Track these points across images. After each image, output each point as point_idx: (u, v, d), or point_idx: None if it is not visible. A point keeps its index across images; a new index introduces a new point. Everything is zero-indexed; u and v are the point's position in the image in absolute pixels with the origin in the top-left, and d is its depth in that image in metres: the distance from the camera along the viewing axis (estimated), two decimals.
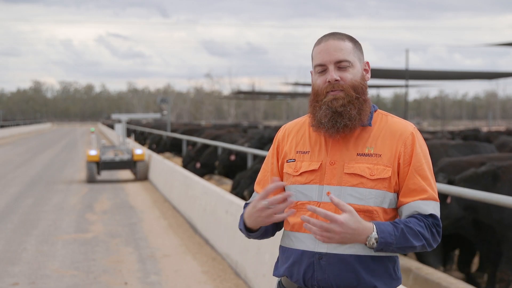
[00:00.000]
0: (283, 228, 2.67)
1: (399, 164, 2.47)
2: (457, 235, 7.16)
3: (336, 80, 2.47)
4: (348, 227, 2.29)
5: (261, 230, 2.57)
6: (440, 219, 2.47)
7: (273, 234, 2.70)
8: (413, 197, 2.45)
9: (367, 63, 2.58)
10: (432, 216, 2.44)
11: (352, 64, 2.50)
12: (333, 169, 2.49)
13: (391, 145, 2.49)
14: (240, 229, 2.62)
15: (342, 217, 2.28)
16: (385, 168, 2.46)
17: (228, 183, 16.22)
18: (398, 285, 2.53)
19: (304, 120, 2.66)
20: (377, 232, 2.34)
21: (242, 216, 2.58)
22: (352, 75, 2.49)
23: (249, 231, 2.57)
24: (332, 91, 2.48)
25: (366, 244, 2.35)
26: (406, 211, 2.46)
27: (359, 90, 2.49)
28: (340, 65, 2.49)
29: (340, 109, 2.46)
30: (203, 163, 17.45)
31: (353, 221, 2.30)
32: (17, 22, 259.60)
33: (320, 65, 2.51)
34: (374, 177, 2.45)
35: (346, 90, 2.47)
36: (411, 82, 47.95)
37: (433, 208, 2.46)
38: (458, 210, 6.60)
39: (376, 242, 2.33)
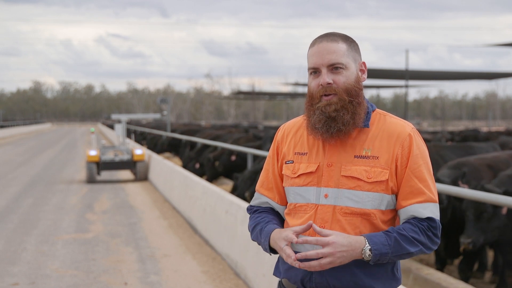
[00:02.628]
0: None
1: (396, 166, 2.46)
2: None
3: (329, 84, 2.46)
4: (340, 245, 2.32)
5: None
6: (437, 221, 2.45)
7: None
8: (410, 200, 2.44)
9: (363, 63, 2.55)
10: (429, 219, 2.43)
11: (346, 66, 2.47)
12: (330, 171, 2.48)
13: (389, 147, 2.47)
14: (256, 242, 2.63)
15: (330, 238, 2.33)
16: (383, 170, 2.45)
17: (228, 183, 16.23)
18: (398, 286, 2.53)
19: (302, 120, 2.64)
20: (369, 244, 2.35)
21: (261, 232, 2.56)
22: (345, 78, 2.47)
23: (274, 251, 2.57)
24: (325, 95, 2.47)
25: (363, 258, 2.36)
26: (403, 215, 2.46)
27: (352, 93, 2.47)
28: (333, 68, 2.47)
29: (334, 114, 2.44)
30: (202, 163, 17.46)
31: (342, 238, 2.34)
32: (17, 22, 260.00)
33: (313, 68, 2.49)
34: (371, 180, 2.44)
35: (339, 94, 2.45)
36: (411, 82, 47.95)
37: (431, 210, 2.44)
38: (507, 219, 6.51)
39: (371, 253, 2.34)
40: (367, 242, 2.35)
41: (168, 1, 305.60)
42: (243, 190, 11.37)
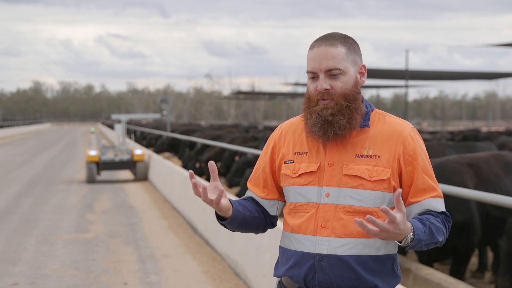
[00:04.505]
0: (282, 229, 2.68)
1: (399, 165, 2.47)
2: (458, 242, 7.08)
3: (326, 89, 2.46)
4: (399, 228, 2.26)
5: (235, 221, 2.56)
6: (449, 215, 2.51)
7: (263, 231, 2.71)
8: (423, 196, 2.47)
9: (363, 66, 2.55)
10: (443, 213, 2.48)
11: (344, 71, 2.47)
12: (332, 171, 2.49)
13: (390, 146, 2.49)
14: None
15: (398, 218, 2.24)
16: (384, 169, 2.46)
17: None
18: (398, 283, 2.55)
19: (300, 120, 2.65)
20: (413, 231, 2.31)
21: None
22: (343, 83, 2.47)
23: (221, 219, 2.60)
24: (322, 99, 2.48)
25: (401, 242, 2.31)
26: (416, 209, 2.47)
27: (350, 98, 2.47)
28: (331, 73, 2.46)
29: (330, 118, 2.45)
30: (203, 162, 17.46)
31: (403, 223, 2.26)
32: (17, 22, 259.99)
33: (311, 72, 2.50)
34: (374, 179, 2.45)
35: (336, 99, 2.46)
36: (411, 82, 47.95)
37: (442, 205, 2.50)
38: None
39: (412, 239, 2.31)
40: (412, 230, 2.30)
41: (168, 1, 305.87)
42: (244, 190, 11.39)
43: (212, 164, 2.47)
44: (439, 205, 2.48)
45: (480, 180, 7.19)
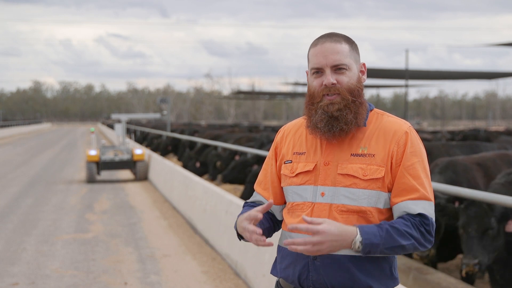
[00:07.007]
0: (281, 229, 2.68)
1: (391, 163, 2.47)
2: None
3: (333, 84, 2.47)
4: (331, 234, 2.28)
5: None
6: (431, 218, 2.43)
7: (269, 235, 2.71)
8: (402, 197, 2.44)
9: (363, 64, 2.57)
10: (420, 215, 2.42)
11: (349, 67, 2.49)
12: (327, 170, 2.50)
13: (385, 144, 2.48)
14: (235, 229, 2.63)
15: (321, 226, 2.28)
16: (378, 168, 2.46)
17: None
18: (396, 285, 2.53)
19: (302, 121, 2.66)
20: (361, 235, 2.32)
21: (238, 216, 2.58)
22: (348, 78, 2.49)
23: (241, 237, 2.59)
24: (328, 94, 2.48)
25: (351, 248, 2.33)
26: (396, 211, 2.46)
27: (355, 93, 2.49)
28: (337, 67, 2.48)
29: (336, 113, 2.46)
30: (202, 162, 17.45)
31: (334, 227, 2.29)
32: (17, 22, 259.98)
33: (317, 68, 2.50)
34: (367, 178, 2.45)
35: (342, 93, 2.47)
36: (411, 82, 47.94)
37: (423, 207, 2.42)
38: None
39: (361, 244, 2.32)
40: (358, 232, 2.32)
41: (168, 1, 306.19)
42: (248, 191, 11.36)
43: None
44: (418, 207, 2.42)
45: (488, 180, 7.20)
